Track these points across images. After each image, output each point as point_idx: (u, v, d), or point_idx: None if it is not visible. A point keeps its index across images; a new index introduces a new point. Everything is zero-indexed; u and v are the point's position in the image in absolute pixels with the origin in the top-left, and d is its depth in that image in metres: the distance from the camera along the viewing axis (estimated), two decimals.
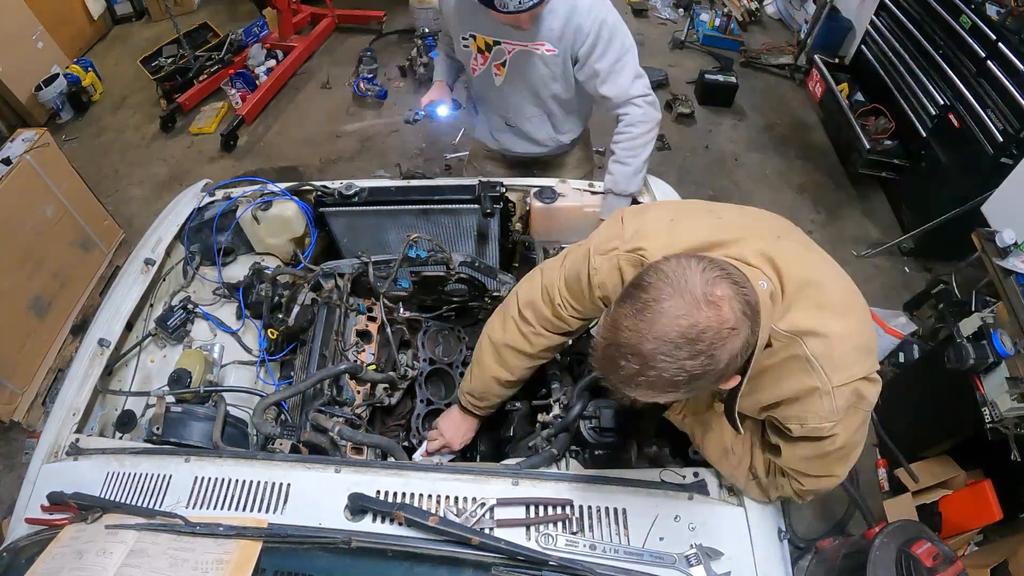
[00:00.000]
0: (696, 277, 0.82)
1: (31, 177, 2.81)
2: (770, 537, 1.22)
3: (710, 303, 0.80)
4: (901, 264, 3.42)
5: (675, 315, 0.80)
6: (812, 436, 0.99)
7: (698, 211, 1.12)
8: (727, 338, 0.81)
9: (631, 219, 1.14)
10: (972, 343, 2.00)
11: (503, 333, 1.36)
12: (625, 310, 0.84)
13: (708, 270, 0.83)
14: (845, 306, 0.98)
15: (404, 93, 4.60)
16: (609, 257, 1.11)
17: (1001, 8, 2.87)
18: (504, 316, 1.38)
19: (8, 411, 2.70)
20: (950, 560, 1.64)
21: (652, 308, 0.81)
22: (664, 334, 0.80)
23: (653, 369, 0.81)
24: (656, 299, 0.81)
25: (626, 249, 1.08)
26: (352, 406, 1.64)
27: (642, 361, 0.81)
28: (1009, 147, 2.72)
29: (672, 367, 0.80)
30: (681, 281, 0.82)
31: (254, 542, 1.14)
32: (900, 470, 2.43)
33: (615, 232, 1.13)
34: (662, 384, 0.82)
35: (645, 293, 0.83)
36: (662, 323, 0.80)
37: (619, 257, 1.09)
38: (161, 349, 1.84)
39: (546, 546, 1.16)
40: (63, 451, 1.43)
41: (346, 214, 1.96)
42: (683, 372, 0.80)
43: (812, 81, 4.28)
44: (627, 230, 1.11)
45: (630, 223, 1.12)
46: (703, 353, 0.80)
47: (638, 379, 0.83)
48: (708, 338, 0.80)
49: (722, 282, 0.83)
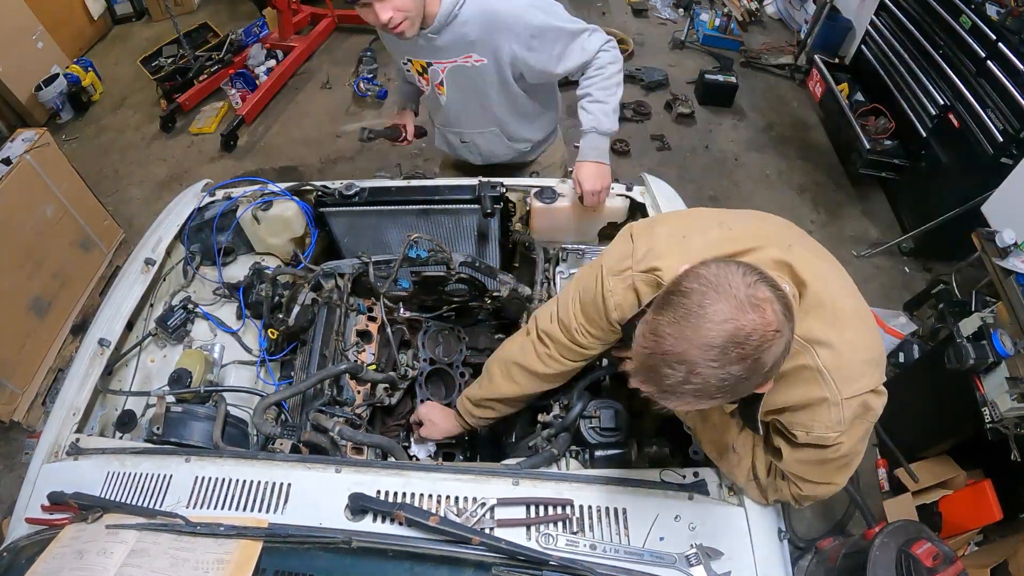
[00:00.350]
0: (738, 280, 0.81)
1: (31, 177, 2.81)
2: (770, 537, 1.22)
3: (754, 306, 0.79)
4: (901, 264, 3.42)
5: (721, 319, 0.78)
6: (816, 444, 1.00)
7: (707, 223, 1.11)
8: (772, 340, 0.80)
9: (641, 237, 1.12)
10: (972, 343, 2.00)
11: (520, 352, 1.36)
12: (666, 317, 0.82)
13: (748, 274, 0.82)
14: (857, 318, 0.98)
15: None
16: (623, 278, 1.09)
17: (1001, 8, 2.87)
18: (524, 337, 1.38)
19: (8, 411, 2.70)
20: (950, 560, 1.64)
21: (696, 313, 0.79)
22: (711, 339, 0.78)
23: (699, 376, 0.79)
24: (700, 304, 0.80)
25: (640, 269, 1.07)
26: (352, 406, 1.64)
27: (689, 369, 0.79)
28: (1009, 147, 2.72)
29: (719, 373, 0.79)
30: (724, 285, 0.80)
31: (255, 542, 1.14)
32: (900, 470, 2.43)
33: (626, 252, 1.11)
34: (708, 391, 0.81)
35: (687, 299, 0.81)
36: (707, 328, 0.78)
37: (633, 277, 1.08)
38: (161, 349, 1.84)
39: (546, 546, 1.16)
40: (63, 451, 1.43)
41: (346, 214, 1.96)
42: (730, 377, 0.79)
43: (812, 81, 4.28)
44: (638, 249, 1.09)
45: (640, 242, 1.11)
46: (749, 357, 0.79)
47: (683, 387, 0.81)
48: (755, 342, 0.78)
49: (762, 285, 0.82)
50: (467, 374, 1.80)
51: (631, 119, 4.32)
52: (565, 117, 2.48)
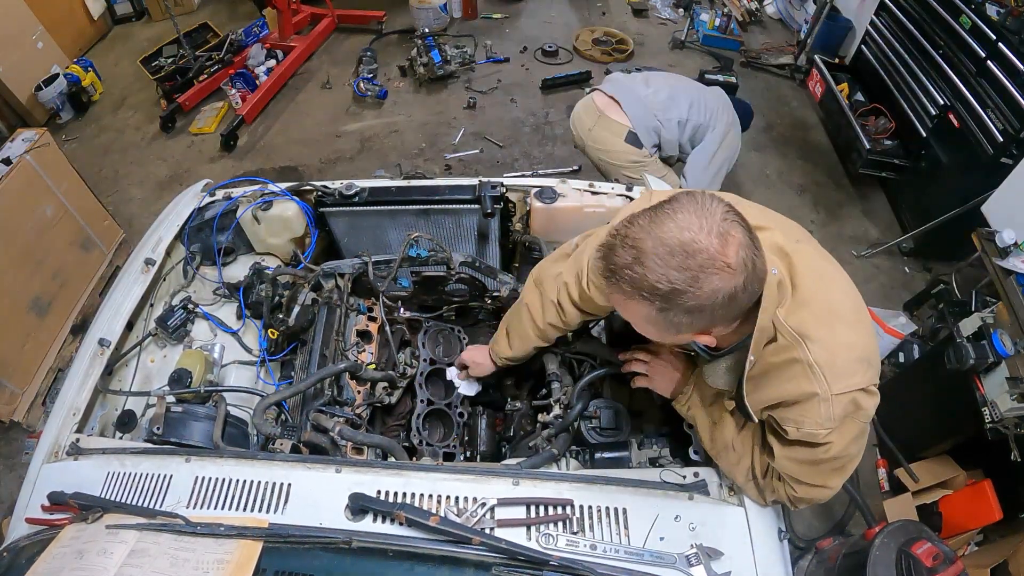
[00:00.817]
0: (718, 211, 0.85)
1: (31, 177, 2.81)
2: (770, 537, 1.22)
3: (720, 235, 0.83)
4: (901, 264, 3.42)
5: (682, 226, 0.84)
6: (807, 441, 1.01)
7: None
8: (719, 271, 0.83)
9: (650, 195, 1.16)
10: (972, 343, 2.00)
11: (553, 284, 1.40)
12: (647, 213, 0.88)
13: (731, 213, 0.86)
14: (853, 318, 0.99)
15: (404, 93, 4.61)
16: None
17: (1001, 8, 2.87)
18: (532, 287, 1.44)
19: (8, 411, 2.70)
20: (950, 560, 1.64)
21: (667, 215, 0.85)
22: (666, 239, 0.83)
23: (641, 266, 0.84)
24: (674, 210, 0.86)
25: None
26: (352, 406, 1.64)
27: (635, 255, 0.85)
28: (1009, 147, 2.72)
29: (658, 270, 0.83)
30: (703, 207, 0.86)
31: (255, 542, 1.14)
32: (900, 470, 2.43)
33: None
34: (641, 285, 0.85)
35: (668, 205, 0.87)
36: (668, 228, 0.84)
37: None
38: (161, 349, 1.84)
39: (547, 546, 1.16)
40: (63, 451, 1.43)
41: (346, 214, 1.96)
42: (665, 281, 0.83)
43: (812, 81, 4.28)
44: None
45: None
46: (690, 270, 0.83)
47: (624, 271, 0.86)
48: (701, 260, 0.82)
49: (739, 227, 0.86)
50: None
51: None
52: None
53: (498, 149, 4.14)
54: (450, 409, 1.72)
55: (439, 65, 4.50)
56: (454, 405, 1.73)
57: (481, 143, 4.18)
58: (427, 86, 4.62)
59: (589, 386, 1.47)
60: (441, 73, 4.54)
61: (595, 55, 4.88)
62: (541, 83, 4.57)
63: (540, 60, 4.89)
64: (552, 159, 4.06)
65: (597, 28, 5.15)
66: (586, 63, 4.83)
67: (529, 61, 4.89)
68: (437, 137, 4.23)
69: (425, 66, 4.50)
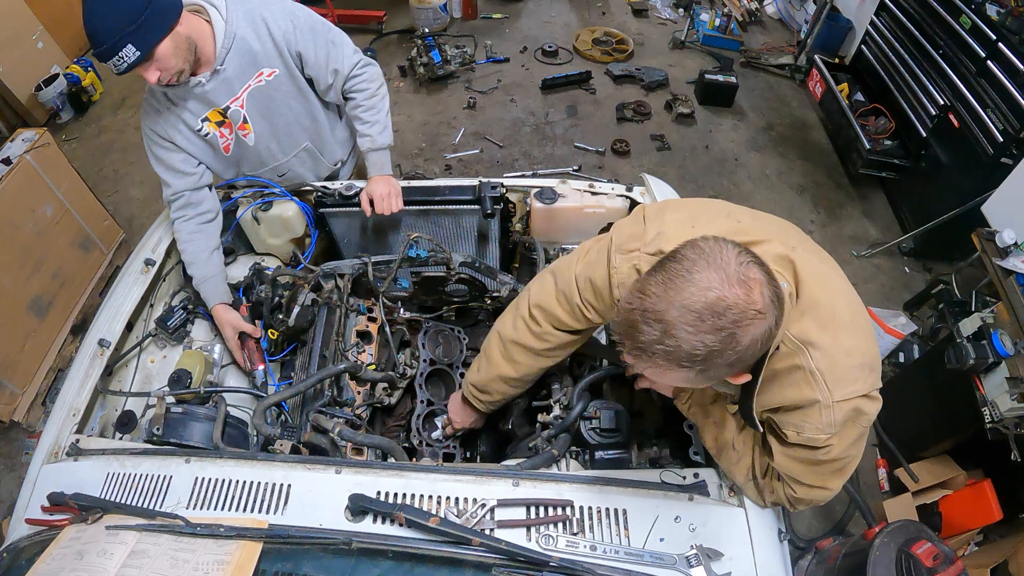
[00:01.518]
0: (731, 257, 0.82)
1: (31, 177, 2.81)
2: (770, 537, 1.22)
3: (742, 282, 0.80)
4: (901, 264, 3.42)
5: (705, 286, 0.79)
6: (807, 444, 1.00)
7: (717, 213, 1.12)
8: (752, 320, 0.80)
9: (652, 220, 1.13)
10: (972, 343, 2.00)
11: (513, 330, 1.36)
12: (656, 278, 0.83)
13: (743, 254, 0.83)
14: (854, 324, 0.98)
15: (404, 93, 4.60)
16: (630, 257, 1.10)
17: (1001, 8, 2.87)
18: (515, 314, 1.37)
19: (8, 411, 2.70)
20: (950, 560, 1.64)
21: (684, 277, 0.81)
22: (691, 303, 0.79)
23: (673, 338, 0.80)
24: (688, 270, 0.81)
25: (647, 252, 1.08)
26: (352, 407, 1.64)
27: (663, 328, 0.80)
28: (1009, 147, 2.72)
29: (692, 339, 0.79)
30: (716, 258, 0.81)
31: (255, 543, 1.14)
32: (900, 470, 2.43)
33: (637, 233, 1.13)
34: (678, 356, 0.81)
35: (678, 264, 0.83)
36: (690, 292, 0.79)
37: (640, 258, 1.09)
38: (161, 350, 1.84)
39: (547, 547, 1.16)
40: (63, 451, 1.43)
41: (346, 214, 1.96)
42: (702, 347, 0.79)
43: (812, 81, 4.28)
44: (649, 231, 1.11)
45: (652, 224, 1.12)
46: (725, 330, 0.79)
47: (656, 347, 0.82)
48: (733, 316, 0.79)
49: (755, 267, 0.82)
50: None
51: (631, 119, 4.32)
52: None
53: (498, 149, 4.14)
54: None
55: (439, 65, 4.50)
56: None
57: (481, 143, 4.18)
58: (427, 86, 4.63)
59: (589, 387, 1.47)
60: (441, 73, 4.55)
61: (595, 55, 4.88)
62: (541, 83, 4.57)
63: (540, 60, 4.89)
64: (552, 159, 4.06)
65: (597, 28, 5.15)
66: (586, 63, 4.83)
67: (529, 61, 4.89)
68: (437, 137, 4.23)
69: (425, 66, 4.50)
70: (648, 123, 4.34)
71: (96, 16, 1.39)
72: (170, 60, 1.49)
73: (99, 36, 1.40)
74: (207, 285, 1.79)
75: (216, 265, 1.82)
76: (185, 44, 1.51)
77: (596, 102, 4.51)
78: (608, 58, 4.85)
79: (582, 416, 1.41)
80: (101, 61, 1.44)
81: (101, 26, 1.39)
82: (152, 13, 1.41)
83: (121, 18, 1.38)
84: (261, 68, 1.69)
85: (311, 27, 1.70)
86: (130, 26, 1.38)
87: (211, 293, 1.79)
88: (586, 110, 4.44)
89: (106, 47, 1.40)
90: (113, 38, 1.39)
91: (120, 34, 1.38)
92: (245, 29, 1.61)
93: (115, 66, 1.43)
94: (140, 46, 1.42)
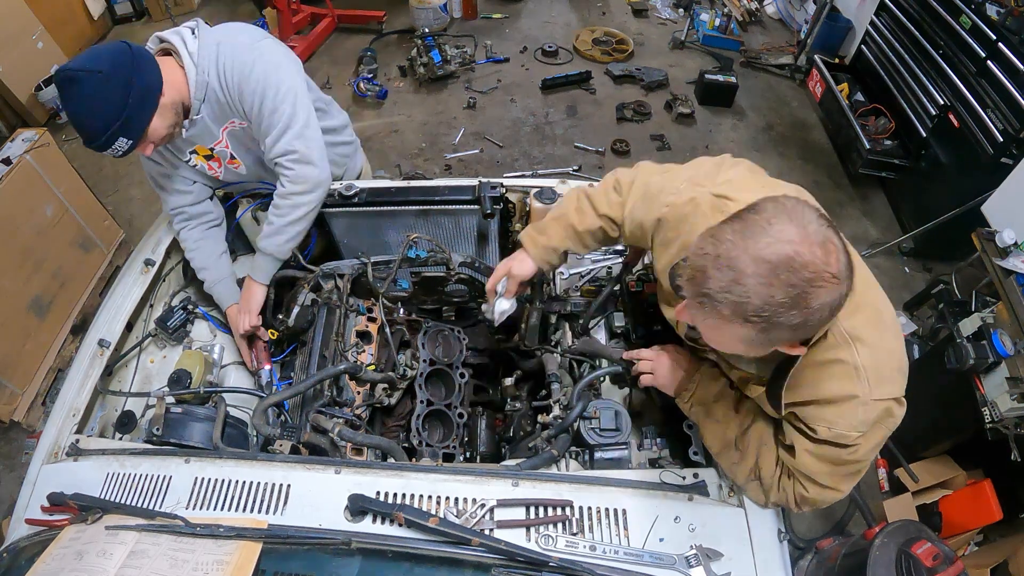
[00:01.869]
0: (813, 218, 0.79)
1: (31, 177, 2.81)
2: (770, 538, 1.22)
3: (822, 243, 0.76)
4: (901, 264, 3.42)
5: (784, 239, 0.76)
6: (835, 442, 0.99)
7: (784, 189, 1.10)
8: (826, 283, 0.76)
9: (729, 167, 1.14)
10: (972, 343, 2.01)
11: (594, 190, 1.35)
12: (731, 225, 0.80)
13: (823, 218, 0.80)
14: (895, 326, 0.99)
15: (404, 93, 4.60)
16: (696, 191, 1.09)
17: (1001, 8, 2.87)
18: (603, 183, 1.37)
19: (8, 411, 2.70)
20: (950, 560, 1.64)
21: (762, 228, 0.77)
22: (767, 255, 0.76)
23: (742, 287, 0.76)
24: (769, 221, 0.78)
25: (713, 192, 1.06)
26: (352, 407, 1.64)
27: (735, 276, 0.77)
28: (1009, 147, 2.72)
29: (763, 291, 0.76)
30: (798, 215, 0.78)
31: (254, 543, 1.14)
32: (900, 470, 2.43)
33: (713, 173, 1.13)
34: (745, 308, 0.77)
35: (758, 215, 0.79)
36: (766, 242, 0.76)
37: (703, 194, 1.07)
38: (161, 350, 1.84)
39: (546, 547, 1.16)
40: (63, 451, 1.44)
41: (346, 215, 1.96)
42: (772, 301, 0.76)
43: (812, 81, 4.28)
44: (722, 175, 1.10)
45: (728, 170, 1.12)
46: (797, 287, 0.75)
47: (723, 294, 0.78)
48: (807, 274, 0.75)
49: (833, 231, 0.79)
50: (467, 375, 1.80)
51: (631, 119, 4.32)
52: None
53: (498, 149, 4.14)
54: (450, 410, 1.72)
55: (439, 65, 4.50)
56: (454, 406, 1.73)
57: (481, 143, 4.18)
58: (427, 86, 4.63)
59: (589, 387, 1.47)
60: (441, 73, 4.55)
61: (595, 55, 4.88)
62: (541, 83, 4.57)
63: (540, 60, 4.89)
64: (552, 159, 4.06)
65: (597, 28, 5.15)
66: (586, 63, 4.83)
67: (529, 61, 4.89)
68: (437, 137, 4.23)
69: (425, 66, 4.50)
70: (648, 123, 4.34)
71: (80, 121, 1.39)
72: (162, 131, 1.50)
73: (89, 137, 1.40)
74: (219, 287, 1.82)
75: (226, 267, 1.85)
76: (172, 111, 1.50)
77: (596, 102, 4.51)
78: (608, 58, 4.85)
79: (582, 416, 1.40)
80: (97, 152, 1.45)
81: (89, 129, 1.39)
82: (134, 102, 1.39)
83: (106, 118, 1.38)
84: (231, 118, 1.63)
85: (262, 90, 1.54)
86: (116, 122, 1.38)
87: (224, 295, 1.82)
88: (586, 110, 4.44)
89: (98, 144, 1.41)
90: (102, 137, 1.39)
91: (107, 132, 1.39)
92: (213, 77, 1.54)
93: (112, 154, 1.44)
94: (130, 135, 1.43)
